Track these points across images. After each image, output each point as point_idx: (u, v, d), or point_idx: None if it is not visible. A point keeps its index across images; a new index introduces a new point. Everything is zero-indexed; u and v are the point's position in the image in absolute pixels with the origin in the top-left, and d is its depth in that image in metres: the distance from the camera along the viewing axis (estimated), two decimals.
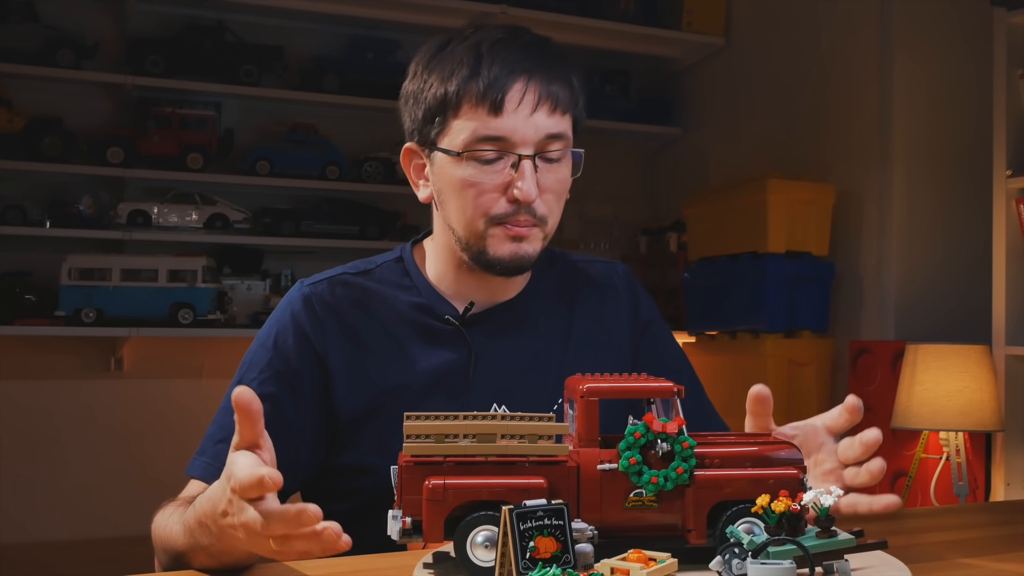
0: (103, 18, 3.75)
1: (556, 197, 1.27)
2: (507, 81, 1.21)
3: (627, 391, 0.93)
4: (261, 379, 1.28)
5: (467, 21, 3.93)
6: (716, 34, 4.06)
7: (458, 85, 1.23)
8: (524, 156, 1.22)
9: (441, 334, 1.31)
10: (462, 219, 1.26)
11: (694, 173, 4.21)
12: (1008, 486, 2.72)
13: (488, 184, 1.23)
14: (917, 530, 1.26)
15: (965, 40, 3.24)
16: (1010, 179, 2.75)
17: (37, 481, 3.65)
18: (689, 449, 0.89)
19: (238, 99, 3.84)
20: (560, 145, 1.25)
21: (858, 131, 3.36)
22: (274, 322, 1.32)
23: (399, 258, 1.37)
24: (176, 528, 1.07)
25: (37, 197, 3.56)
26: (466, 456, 0.90)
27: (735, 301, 3.39)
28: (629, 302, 1.43)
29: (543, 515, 0.83)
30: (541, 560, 0.82)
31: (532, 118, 1.22)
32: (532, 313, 1.36)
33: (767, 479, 0.88)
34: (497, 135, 1.22)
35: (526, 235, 1.25)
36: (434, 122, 1.26)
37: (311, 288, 1.32)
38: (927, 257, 3.22)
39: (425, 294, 1.33)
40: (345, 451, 1.28)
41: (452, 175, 1.25)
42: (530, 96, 1.22)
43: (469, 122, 1.22)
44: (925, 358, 2.70)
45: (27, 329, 3.41)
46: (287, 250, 3.88)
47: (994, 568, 1.08)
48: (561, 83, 1.25)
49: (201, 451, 1.28)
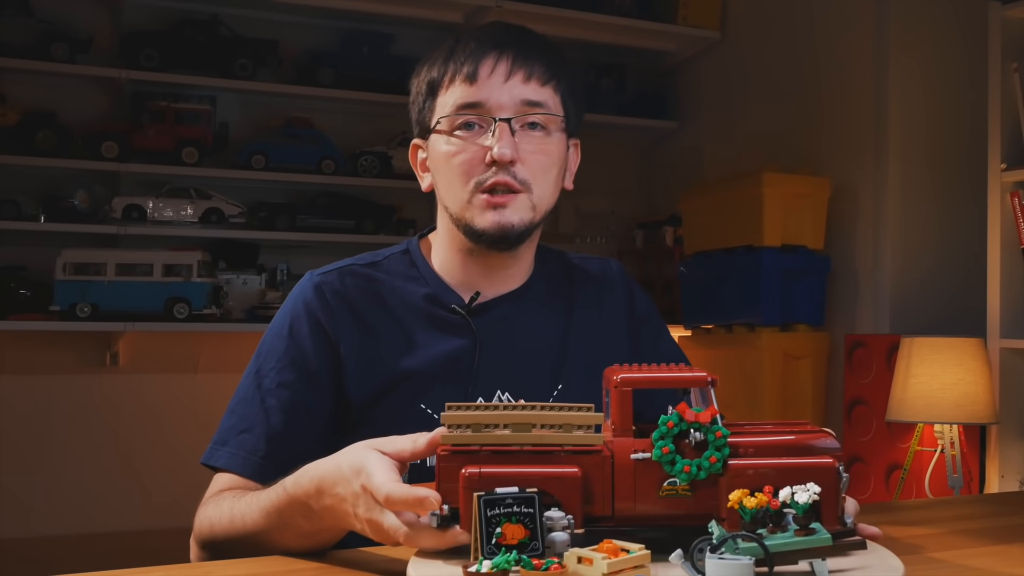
0: (97, 12, 3.74)
1: (542, 168, 1.30)
2: (481, 54, 1.28)
3: (661, 381, 0.94)
4: (279, 368, 1.30)
5: (462, 15, 3.93)
6: (712, 28, 4.06)
7: (440, 68, 1.31)
8: (500, 120, 1.26)
9: (448, 323, 1.33)
10: (449, 191, 1.30)
11: (690, 167, 4.21)
12: (1002, 478, 2.73)
13: (468, 149, 1.27)
14: (911, 522, 1.26)
15: (960, 33, 3.25)
16: (1005, 172, 2.75)
17: (33, 476, 3.65)
18: (723, 438, 0.89)
19: (233, 93, 3.84)
20: (540, 111, 1.28)
21: (853, 125, 3.36)
22: (287, 311, 1.34)
23: (406, 250, 1.41)
24: (248, 513, 1.14)
25: (31, 192, 3.55)
26: (502, 445, 0.92)
27: (731, 295, 3.39)
28: (625, 298, 1.46)
29: (512, 503, 0.85)
30: (505, 546, 0.85)
31: (506, 85, 1.27)
32: (535, 303, 1.39)
33: (801, 468, 0.87)
34: (473, 101, 1.27)
35: (506, 202, 1.27)
36: (425, 107, 1.33)
37: (322, 277, 1.35)
38: (922, 250, 3.23)
39: (432, 284, 1.36)
40: (353, 435, 1.29)
41: (440, 150, 1.30)
42: (503, 65, 1.28)
43: (450, 96, 1.29)
44: (920, 351, 2.71)
45: (22, 324, 3.40)
46: (283, 244, 3.88)
47: (988, 560, 1.08)
48: (536, 57, 1.29)
49: (222, 441, 1.29)
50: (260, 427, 1.27)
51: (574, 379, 1.35)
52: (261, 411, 1.28)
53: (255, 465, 1.26)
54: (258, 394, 1.29)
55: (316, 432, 1.30)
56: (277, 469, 1.23)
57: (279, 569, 1.06)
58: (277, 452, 1.26)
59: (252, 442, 1.27)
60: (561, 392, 1.34)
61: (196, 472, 1.37)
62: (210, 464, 1.29)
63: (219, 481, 1.28)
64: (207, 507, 1.23)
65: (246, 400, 1.30)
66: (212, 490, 1.27)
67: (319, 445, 1.28)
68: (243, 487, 1.25)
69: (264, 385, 1.30)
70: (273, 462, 1.25)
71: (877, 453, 3.03)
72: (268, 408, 1.28)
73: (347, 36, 3.94)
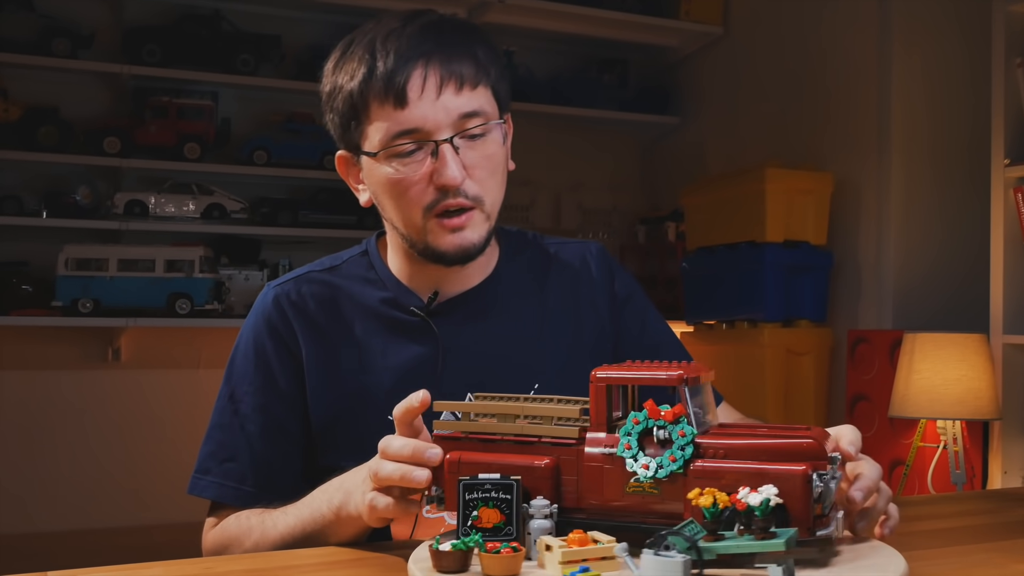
0: (99, 7, 3.74)
1: (488, 173, 1.24)
2: (404, 70, 1.18)
3: (634, 380, 0.93)
4: (253, 391, 1.28)
5: (464, 11, 3.93)
6: (714, 23, 4.05)
7: (360, 87, 1.20)
8: (440, 141, 1.19)
9: (408, 326, 1.29)
10: (400, 217, 1.24)
11: (692, 162, 4.21)
12: (1005, 474, 2.72)
13: (413, 177, 1.20)
14: (914, 518, 1.26)
15: (963, 29, 3.24)
16: (1008, 168, 2.74)
17: (34, 471, 3.65)
18: (686, 438, 0.88)
19: (235, 89, 3.83)
20: (478, 121, 1.21)
21: (856, 120, 3.35)
22: (250, 328, 1.31)
23: (365, 252, 1.36)
24: (275, 528, 1.17)
25: (33, 187, 3.56)
26: (486, 434, 0.97)
27: (733, 290, 3.39)
28: (604, 281, 1.39)
29: (491, 488, 0.90)
30: (480, 529, 0.90)
31: (439, 101, 1.19)
32: (502, 297, 1.33)
33: (768, 474, 0.84)
34: (409, 127, 1.19)
35: (464, 223, 1.22)
36: (351, 127, 1.24)
37: (279, 288, 1.31)
38: (925, 246, 3.22)
39: (390, 286, 1.31)
40: (323, 452, 1.28)
41: (379, 176, 1.23)
42: (432, 80, 1.19)
43: (381, 122, 1.20)
44: (923, 347, 2.71)
45: (24, 319, 3.40)
46: (284, 240, 3.87)
47: (990, 556, 1.08)
48: (463, 59, 1.21)
49: (204, 470, 1.27)
50: (244, 455, 1.26)
51: (552, 374, 1.30)
52: (242, 437, 1.26)
53: (246, 495, 1.25)
54: (236, 419, 1.27)
55: (299, 450, 1.28)
56: (267, 495, 1.24)
57: (280, 564, 1.06)
58: (265, 478, 1.25)
59: (238, 471, 1.25)
60: (538, 390, 1.28)
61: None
62: (197, 494, 1.27)
63: (211, 510, 1.28)
64: (228, 523, 1.23)
65: (224, 426, 1.28)
66: (209, 525, 1.27)
67: (303, 462, 1.29)
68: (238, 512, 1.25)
69: (241, 411, 1.27)
70: (262, 489, 1.25)
71: (880, 449, 3.02)
72: (249, 434, 1.26)
73: (349, 31, 3.92)
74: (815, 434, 0.88)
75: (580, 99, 4.16)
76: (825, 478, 0.85)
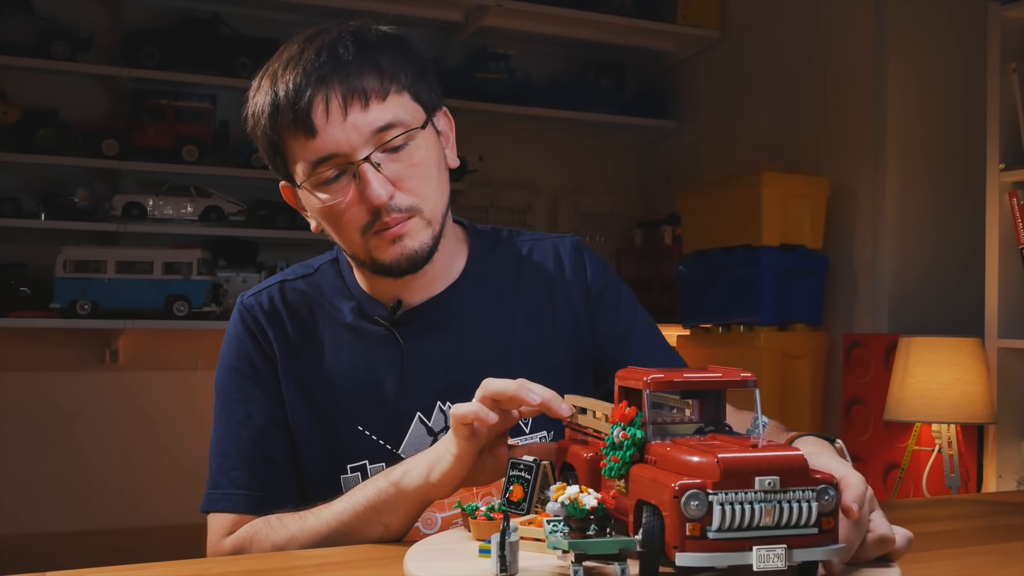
0: (98, 10, 3.75)
1: (420, 181, 1.21)
2: (304, 98, 1.16)
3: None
4: (242, 398, 1.28)
5: (461, 14, 3.94)
6: (711, 27, 4.07)
7: (271, 122, 1.19)
8: (359, 162, 1.17)
9: (375, 336, 1.29)
10: (342, 240, 1.25)
11: (689, 166, 4.22)
12: (1000, 478, 2.74)
13: (342, 203, 1.19)
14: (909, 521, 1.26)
15: (958, 34, 3.25)
16: (1003, 172, 2.76)
17: (31, 473, 3.65)
18: (628, 440, 0.87)
19: (234, 92, 3.83)
20: (396, 132, 1.19)
21: (852, 125, 3.36)
22: (231, 339, 1.31)
23: (335, 259, 1.35)
24: (320, 518, 1.16)
25: (32, 189, 3.56)
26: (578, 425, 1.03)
27: (729, 294, 3.40)
28: (578, 275, 1.36)
29: (523, 468, 0.99)
30: (510, 501, 0.99)
31: (348, 122, 1.16)
32: (471, 302, 1.31)
33: (656, 483, 0.82)
34: (324, 155, 1.17)
35: (402, 232, 1.21)
36: (276, 163, 1.24)
37: (251, 299, 1.31)
38: (920, 250, 3.24)
39: (356, 295, 1.31)
40: (301, 458, 1.29)
41: (314, 205, 1.23)
42: (334, 102, 1.16)
43: (298, 153, 1.19)
44: (918, 351, 2.72)
45: (22, 321, 3.40)
46: (282, 242, 3.88)
47: (986, 559, 1.09)
48: (363, 74, 1.18)
49: (215, 485, 1.27)
50: (246, 462, 1.26)
51: (525, 373, 1.24)
52: (241, 445, 1.26)
53: (254, 500, 1.24)
54: (231, 429, 1.27)
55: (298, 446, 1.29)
56: (271, 497, 1.24)
57: (278, 566, 1.07)
58: (267, 481, 1.26)
59: (245, 479, 1.25)
60: None
61: (194, 470, 1.38)
62: (212, 510, 1.26)
63: (222, 523, 1.25)
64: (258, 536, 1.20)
65: (223, 439, 1.28)
66: (219, 532, 1.24)
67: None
68: (246, 520, 1.24)
69: (234, 420, 1.27)
70: (266, 492, 1.25)
71: (875, 452, 3.04)
72: (246, 441, 1.26)
73: None
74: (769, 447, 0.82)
75: (577, 103, 4.17)
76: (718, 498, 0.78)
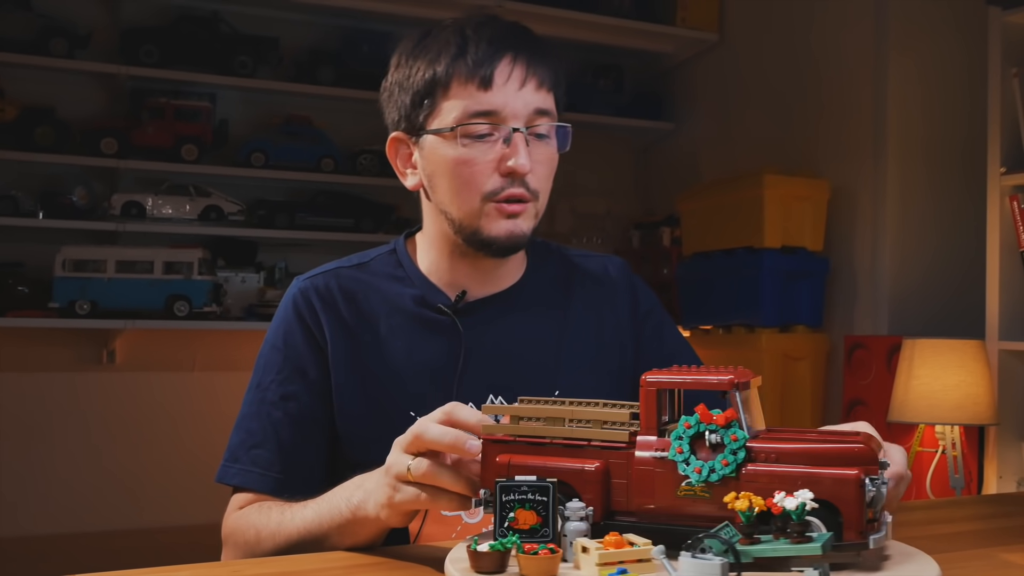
0: (97, 7, 3.72)
1: (547, 173, 1.28)
2: (495, 57, 1.23)
3: (684, 384, 0.94)
4: (280, 379, 1.29)
5: (461, 14, 3.92)
6: (710, 29, 4.08)
7: (447, 65, 1.24)
8: (516, 129, 1.23)
9: (434, 324, 1.31)
10: (456, 199, 1.26)
11: (687, 168, 4.23)
12: (1000, 479, 2.76)
13: (481, 160, 1.24)
14: (914, 523, 1.27)
15: (959, 37, 3.28)
16: (1004, 176, 2.78)
17: (28, 474, 3.63)
18: (738, 442, 0.89)
19: (233, 90, 3.82)
20: (547, 120, 1.27)
21: (852, 127, 3.38)
22: (279, 321, 1.33)
23: (393, 251, 1.38)
24: (292, 521, 1.16)
25: (29, 188, 3.53)
26: (534, 437, 0.97)
27: (729, 295, 3.41)
28: (627, 295, 1.43)
29: (528, 490, 0.91)
30: (516, 530, 0.90)
31: (520, 92, 1.24)
32: (528, 302, 1.36)
33: (821, 478, 0.85)
34: (488, 109, 1.23)
35: (520, 211, 1.25)
36: (423, 105, 1.27)
37: (308, 282, 1.33)
38: (921, 252, 3.26)
39: (418, 284, 1.33)
40: (347, 446, 1.29)
41: (444, 155, 1.25)
42: (518, 72, 1.24)
43: (459, 100, 1.24)
44: (922, 353, 2.73)
45: (19, 321, 3.38)
46: (281, 242, 3.87)
47: (989, 559, 1.10)
48: (544, 61, 1.27)
49: (234, 458, 1.28)
50: (271, 442, 1.27)
51: (572, 381, 1.32)
52: (269, 425, 1.27)
53: (272, 481, 1.25)
54: (263, 408, 1.28)
55: (325, 440, 1.29)
56: (293, 482, 1.24)
57: (310, 568, 1.06)
58: (291, 465, 1.26)
59: (266, 458, 1.26)
60: (559, 396, 1.28)
61: (192, 470, 1.38)
62: (225, 482, 1.28)
63: (239, 499, 1.28)
64: (247, 512, 1.23)
65: (251, 415, 1.29)
66: (233, 507, 1.27)
67: (329, 453, 1.29)
68: (263, 500, 1.26)
69: (268, 398, 1.28)
70: (288, 476, 1.26)
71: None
72: (275, 422, 1.27)
73: (347, 34, 3.93)
74: (864, 439, 0.89)
75: (575, 104, 4.17)
76: (876, 483, 0.86)
